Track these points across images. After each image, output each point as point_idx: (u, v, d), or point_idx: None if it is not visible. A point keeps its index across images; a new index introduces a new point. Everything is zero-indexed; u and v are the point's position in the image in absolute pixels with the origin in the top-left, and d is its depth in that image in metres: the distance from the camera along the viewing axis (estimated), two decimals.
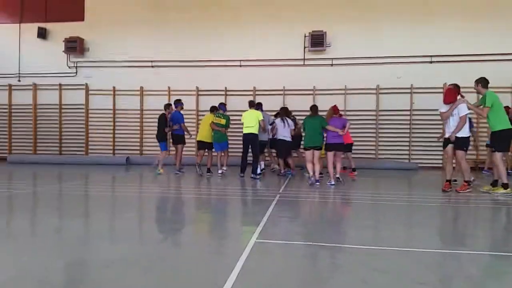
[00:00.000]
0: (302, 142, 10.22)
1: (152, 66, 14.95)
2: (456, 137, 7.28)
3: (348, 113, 13.91)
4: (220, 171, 10.49)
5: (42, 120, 15.53)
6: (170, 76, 14.83)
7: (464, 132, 7.32)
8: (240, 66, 14.50)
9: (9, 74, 15.64)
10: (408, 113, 13.49)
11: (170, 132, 10.93)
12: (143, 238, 4.16)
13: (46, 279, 2.77)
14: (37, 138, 15.52)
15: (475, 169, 12.72)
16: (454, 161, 7.65)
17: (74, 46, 14.96)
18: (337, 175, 8.84)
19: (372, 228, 4.56)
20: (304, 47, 14.15)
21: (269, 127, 10.58)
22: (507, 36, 13.19)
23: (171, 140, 11.16)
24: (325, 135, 8.83)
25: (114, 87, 15.11)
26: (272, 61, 14.31)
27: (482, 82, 7.50)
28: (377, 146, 13.82)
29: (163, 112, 10.96)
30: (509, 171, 11.06)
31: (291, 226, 4.65)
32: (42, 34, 15.33)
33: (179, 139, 10.94)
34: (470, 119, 8.24)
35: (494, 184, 7.43)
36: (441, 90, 13.39)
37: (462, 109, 7.31)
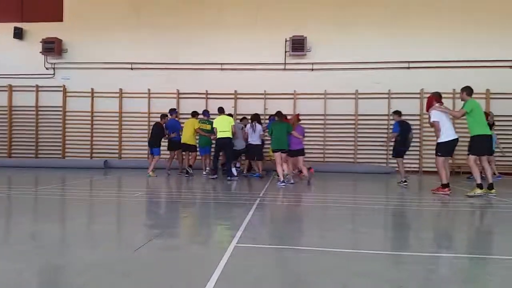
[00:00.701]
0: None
1: (132, 68, 14.77)
2: (437, 143, 7.79)
3: (327, 117, 14.08)
4: (204, 173, 11.36)
5: (18, 122, 15.13)
6: (150, 78, 14.68)
7: (442, 138, 7.73)
8: (221, 69, 14.49)
9: None
10: (386, 118, 13.71)
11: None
12: (121, 242, 4.10)
13: (21, 285, 2.69)
14: (12, 141, 15.11)
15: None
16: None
17: (52, 47, 14.64)
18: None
19: (352, 232, 4.61)
20: (285, 52, 14.26)
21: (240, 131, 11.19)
22: (482, 43, 13.59)
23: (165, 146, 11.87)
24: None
25: (92, 89, 14.86)
26: (253, 65, 14.35)
27: (467, 90, 7.83)
28: (355, 150, 14.00)
29: (158, 121, 11.54)
30: (499, 176, 11.40)
31: (271, 229, 4.65)
32: (18, 34, 14.95)
33: (176, 145, 11.64)
34: None
35: (490, 187, 7.70)
36: (418, 96, 13.72)
37: (431, 116, 7.86)
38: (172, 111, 12.06)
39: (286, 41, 14.15)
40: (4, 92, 15.07)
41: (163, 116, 11.66)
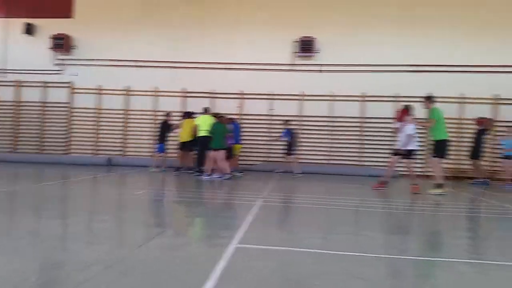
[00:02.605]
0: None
1: (139, 66, 14.80)
2: (407, 150, 8.64)
3: (334, 119, 14.01)
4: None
5: (24, 118, 15.21)
6: (156, 76, 14.70)
7: (411, 146, 8.66)
8: (228, 69, 14.46)
9: None
10: (392, 121, 13.59)
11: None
12: (121, 241, 4.08)
13: (21, 282, 2.68)
14: (18, 136, 15.20)
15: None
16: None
17: (61, 44, 14.70)
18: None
19: (353, 234, 4.57)
20: (293, 53, 14.20)
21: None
22: (493, 48, 13.46)
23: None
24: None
25: (99, 86, 14.91)
26: (260, 65, 14.30)
27: (430, 98, 8.74)
28: (361, 153, 13.91)
29: (165, 118, 12.30)
30: (481, 180, 11.31)
31: (272, 230, 4.62)
32: (29, 29, 15.01)
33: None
34: None
35: (438, 186, 8.42)
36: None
37: (407, 129, 8.64)
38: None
39: (294, 42, 14.09)
40: (12, 87, 15.16)
41: (168, 114, 12.37)
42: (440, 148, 8.47)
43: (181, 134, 11.91)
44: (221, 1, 14.68)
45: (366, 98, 13.89)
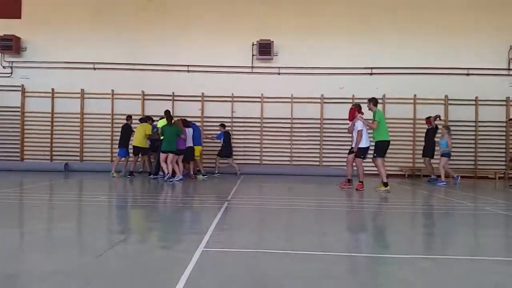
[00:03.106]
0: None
1: (94, 69, 14.35)
2: (358, 148, 9.01)
3: (294, 121, 14.22)
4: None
5: None
6: (113, 79, 14.30)
7: (363, 144, 9.01)
8: (188, 71, 14.33)
9: None
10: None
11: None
12: (82, 249, 3.94)
13: None
14: None
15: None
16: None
17: (10, 45, 13.99)
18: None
19: (319, 234, 4.66)
20: (253, 55, 14.30)
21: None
22: (442, 52, 14.18)
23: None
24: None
25: (53, 89, 14.31)
26: (221, 67, 14.29)
27: (373, 101, 9.18)
28: (321, 153, 14.22)
29: (127, 122, 12.11)
30: (432, 177, 11.88)
31: (239, 233, 4.62)
32: None
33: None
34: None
35: (386, 184, 8.90)
36: (380, 101, 14.10)
37: (357, 125, 9.05)
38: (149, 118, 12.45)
39: (253, 44, 14.20)
40: None
41: (129, 117, 12.29)
42: (381, 149, 8.96)
43: (135, 138, 11.78)
44: (179, 2, 14.52)
45: (325, 100, 14.22)
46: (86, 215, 5.99)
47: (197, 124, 13.47)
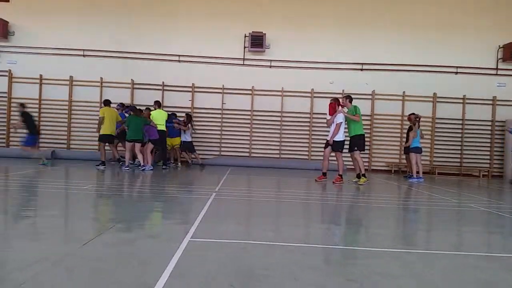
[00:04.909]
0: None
1: (84, 55, 14.16)
2: (333, 141, 9.31)
3: (284, 114, 14.25)
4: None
5: None
6: (103, 66, 14.13)
7: (339, 137, 9.31)
8: (179, 61, 14.23)
9: None
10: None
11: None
12: (67, 237, 3.92)
13: None
14: None
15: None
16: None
17: None
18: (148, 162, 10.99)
19: (303, 226, 4.70)
20: (244, 47, 14.25)
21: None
22: (431, 49, 14.31)
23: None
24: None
25: (41, 76, 14.09)
26: (212, 58, 14.22)
27: (349, 98, 9.68)
28: (310, 147, 14.29)
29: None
30: (410, 175, 12.01)
31: (226, 224, 4.64)
32: None
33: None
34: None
35: (359, 176, 9.42)
36: (370, 97, 14.22)
37: (338, 118, 9.31)
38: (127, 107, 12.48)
39: (245, 36, 14.14)
40: None
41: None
42: (360, 143, 9.39)
43: (104, 126, 11.25)
44: None
45: (315, 95, 14.26)
46: (73, 203, 5.95)
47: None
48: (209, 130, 14.28)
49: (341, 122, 9.30)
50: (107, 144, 11.64)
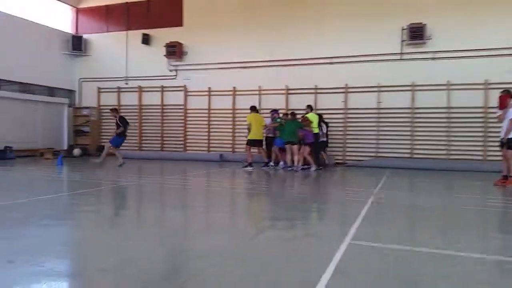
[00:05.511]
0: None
1: (245, 68, 15.32)
2: (507, 138, 8.16)
3: (451, 110, 12.83)
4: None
5: (146, 119, 16.85)
6: (260, 76, 15.06)
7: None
8: (331, 63, 14.18)
9: (118, 77, 17.21)
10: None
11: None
12: (238, 232, 4.26)
13: (146, 268, 2.95)
14: (142, 136, 16.88)
15: None
16: None
17: (174, 51, 15.91)
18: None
19: (474, 235, 4.11)
20: (402, 41, 13.35)
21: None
22: None
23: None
24: None
25: (209, 88, 15.81)
26: (365, 56, 13.73)
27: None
28: (485, 146, 12.51)
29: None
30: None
31: (387, 228, 4.39)
32: (146, 40, 16.57)
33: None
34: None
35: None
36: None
37: (509, 113, 8.10)
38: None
39: (403, 29, 13.25)
40: (135, 93, 16.91)
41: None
42: None
43: (252, 131, 11.99)
44: None
45: (489, 86, 12.45)
46: (244, 200, 6.47)
47: (340, 115, 13.59)
48: (364, 130, 13.80)
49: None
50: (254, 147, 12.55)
